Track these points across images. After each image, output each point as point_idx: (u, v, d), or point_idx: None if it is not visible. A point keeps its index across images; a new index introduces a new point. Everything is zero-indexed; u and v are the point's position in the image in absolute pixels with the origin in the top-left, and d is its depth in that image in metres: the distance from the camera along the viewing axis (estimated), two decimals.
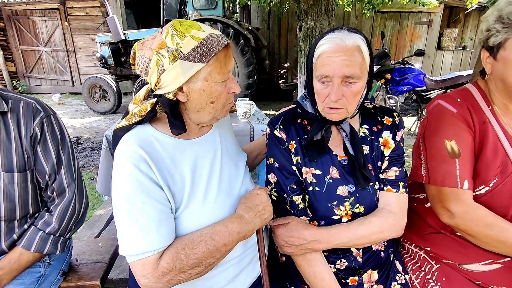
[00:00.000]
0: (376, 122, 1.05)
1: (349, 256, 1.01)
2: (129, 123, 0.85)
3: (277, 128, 1.03)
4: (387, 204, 1.00)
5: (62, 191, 1.07)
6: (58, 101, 8.18)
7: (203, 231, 0.81)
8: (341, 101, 0.90)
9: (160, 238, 0.76)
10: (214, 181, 0.91)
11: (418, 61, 8.07)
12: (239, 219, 0.85)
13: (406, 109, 5.06)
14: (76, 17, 8.99)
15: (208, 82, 0.81)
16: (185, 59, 0.77)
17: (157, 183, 0.79)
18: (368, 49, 0.91)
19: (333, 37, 0.89)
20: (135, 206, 0.76)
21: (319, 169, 1.00)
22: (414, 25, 8.06)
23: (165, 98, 0.83)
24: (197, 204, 0.85)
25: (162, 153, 0.84)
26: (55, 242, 1.05)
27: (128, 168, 0.77)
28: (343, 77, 0.87)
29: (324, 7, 3.54)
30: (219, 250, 0.80)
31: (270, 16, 8.29)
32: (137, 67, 0.84)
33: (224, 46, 0.81)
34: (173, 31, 0.78)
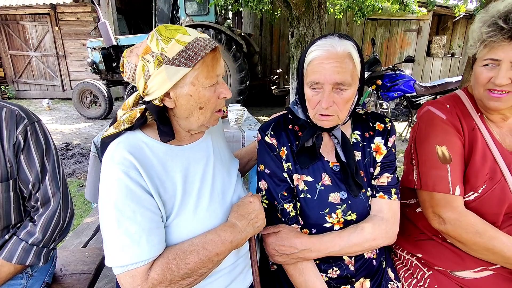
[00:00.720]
0: (368, 128, 1.05)
1: (341, 265, 1.00)
2: (118, 130, 0.83)
3: (268, 134, 1.02)
4: (380, 211, 0.99)
5: (46, 200, 1.03)
6: (48, 107, 8.06)
7: (195, 240, 0.79)
8: (332, 108, 0.89)
9: (150, 248, 0.73)
10: (206, 188, 0.88)
11: (408, 67, 8.18)
12: (232, 227, 0.83)
13: (397, 114, 5.12)
14: (67, 22, 8.93)
15: (195, 87, 0.79)
16: (170, 63, 0.75)
17: (147, 190, 0.77)
18: (359, 55, 0.90)
19: (324, 43, 0.88)
20: (125, 214, 0.72)
21: (310, 176, 0.99)
22: (404, 32, 8.20)
23: (152, 104, 0.81)
24: (189, 212, 0.83)
25: (153, 160, 0.82)
26: (38, 253, 1.01)
27: (117, 175, 0.74)
28: (334, 84, 0.87)
29: (316, 14, 3.58)
30: (211, 260, 0.77)
31: (262, 22, 8.34)
32: (125, 74, 0.82)
33: (211, 49, 0.79)
34: (158, 36, 0.76)
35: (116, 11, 8.82)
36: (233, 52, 6.19)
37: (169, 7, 7.53)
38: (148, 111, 0.84)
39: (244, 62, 6.37)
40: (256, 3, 5.70)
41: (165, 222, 0.80)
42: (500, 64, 0.88)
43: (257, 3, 5.71)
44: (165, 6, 7.44)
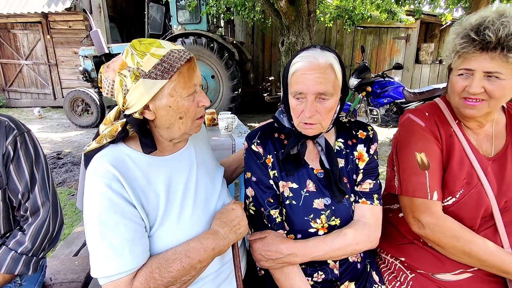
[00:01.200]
0: (351, 136, 1.08)
1: (326, 269, 1.02)
2: (100, 145, 0.84)
3: (254, 142, 1.05)
4: (362, 216, 1.02)
5: (36, 210, 1.04)
6: (39, 115, 7.99)
7: (178, 248, 0.81)
8: (315, 117, 0.93)
9: (133, 258, 0.75)
10: (189, 197, 0.90)
11: (398, 74, 8.34)
12: (214, 235, 0.85)
13: (387, 120, 5.19)
14: (58, 30, 8.91)
15: (173, 97, 0.81)
16: (146, 77, 0.77)
17: (130, 202, 0.78)
18: (340, 66, 0.94)
19: (307, 55, 0.92)
20: (108, 226, 0.74)
21: (295, 183, 1.02)
22: (393, 40, 8.37)
23: (132, 118, 0.83)
24: (172, 222, 0.84)
25: (136, 171, 0.84)
26: (27, 263, 1.02)
27: (100, 188, 0.76)
28: (316, 94, 0.90)
29: (305, 23, 3.65)
30: (194, 267, 0.79)
31: (254, 30, 8.45)
32: (103, 89, 0.84)
33: (186, 60, 0.81)
34: (133, 50, 0.78)
35: (109, 20, 8.84)
36: (225, 60, 6.25)
37: (161, 16, 7.60)
38: (129, 124, 0.86)
39: (236, 70, 6.43)
40: (248, 12, 5.79)
41: (149, 232, 0.82)
42: (474, 74, 0.92)
43: (249, 11, 5.80)
44: (157, 14, 7.50)
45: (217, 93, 6.68)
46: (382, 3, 5.32)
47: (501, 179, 1.00)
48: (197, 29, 6.45)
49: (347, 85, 1.00)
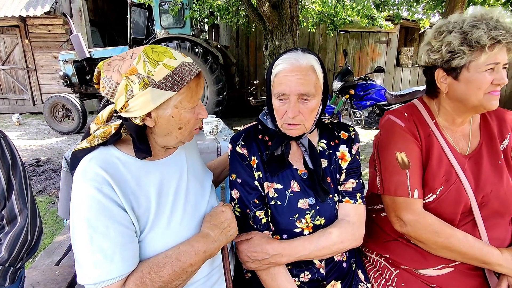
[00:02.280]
0: (333, 137, 1.10)
1: (312, 269, 1.03)
2: (91, 145, 0.82)
3: (238, 144, 1.06)
4: (346, 215, 1.04)
5: (13, 218, 1.01)
6: (17, 122, 7.73)
7: (168, 252, 0.79)
8: (298, 118, 0.95)
9: (124, 263, 0.73)
10: (180, 202, 0.89)
11: (379, 77, 8.55)
12: (205, 238, 0.84)
13: (370, 122, 5.30)
14: (37, 34, 8.68)
15: (178, 109, 0.81)
16: (156, 86, 0.76)
17: (120, 206, 0.77)
18: (321, 68, 0.97)
19: (289, 57, 0.94)
20: (97, 230, 0.72)
21: (280, 184, 1.03)
22: (375, 44, 8.58)
23: (131, 123, 0.82)
24: (162, 226, 0.83)
25: (127, 175, 0.82)
26: (3, 273, 0.98)
27: (89, 192, 0.74)
28: (299, 95, 0.92)
29: (289, 27, 3.70)
30: (185, 271, 0.78)
31: (238, 34, 8.48)
32: (102, 89, 0.81)
33: (195, 75, 0.82)
34: (145, 58, 0.77)
35: (90, 24, 8.68)
36: (210, 64, 6.24)
37: (144, 20, 7.52)
38: (124, 128, 0.85)
39: (221, 74, 6.43)
40: (231, 16, 5.81)
41: (139, 236, 0.81)
42: (498, 67, 0.94)
43: (232, 16, 5.82)
44: (140, 18, 7.42)
45: (202, 97, 6.64)
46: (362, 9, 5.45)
47: (477, 176, 1.03)
48: (180, 33, 6.42)
49: (328, 86, 1.02)
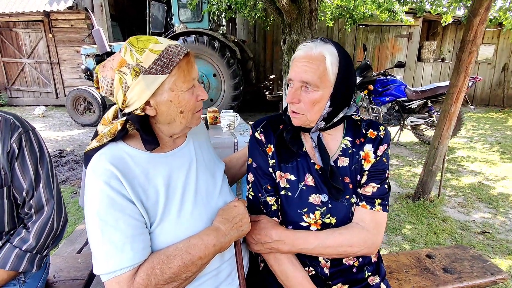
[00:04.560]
0: (359, 135, 1.04)
1: (316, 266, 1.02)
2: (100, 143, 0.85)
3: (258, 130, 1.07)
4: (361, 220, 0.99)
5: (40, 207, 1.05)
6: (41, 114, 8.02)
7: (179, 245, 0.81)
8: (299, 106, 0.93)
9: (135, 254, 0.75)
10: (189, 193, 0.91)
11: (400, 72, 8.32)
12: (215, 231, 0.85)
13: (389, 119, 5.19)
14: (60, 29, 8.92)
15: (174, 92, 0.82)
16: (147, 73, 0.77)
17: (129, 198, 0.79)
18: (337, 62, 0.91)
19: (307, 45, 0.93)
20: (108, 223, 0.75)
21: (294, 175, 1.01)
22: (395, 38, 8.34)
23: (133, 115, 0.83)
24: (172, 218, 0.85)
25: (135, 169, 0.84)
26: (31, 260, 1.03)
27: (99, 186, 0.77)
28: (301, 82, 0.91)
29: (307, 21, 3.64)
30: (195, 264, 0.79)
31: (256, 29, 8.43)
32: (101, 89, 0.83)
33: (184, 54, 0.82)
34: (131, 47, 0.78)
35: (110, 18, 8.84)
36: (227, 58, 6.25)
37: (163, 14, 7.60)
38: (129, 123, 0.86)
39: (238, 68, 6.43)
40: (249, 10, 5.78)
41: (150, 228, 0.83)
42: None
43: (250, 10, 5.79)
44: (159, 13, 7.50)
45: (219, 92, 6.69)
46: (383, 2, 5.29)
47: None
48: (198, 28, 6.45)
49: (348, 85, 0.95)
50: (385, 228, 2.76)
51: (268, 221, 1.00)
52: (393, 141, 5.59)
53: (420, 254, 1.46)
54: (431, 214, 3.04)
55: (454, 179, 3.94)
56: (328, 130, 1.03)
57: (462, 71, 2.77)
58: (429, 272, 1.34)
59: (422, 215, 3.01)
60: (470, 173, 4.15)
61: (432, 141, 3.15)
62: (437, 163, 3.10)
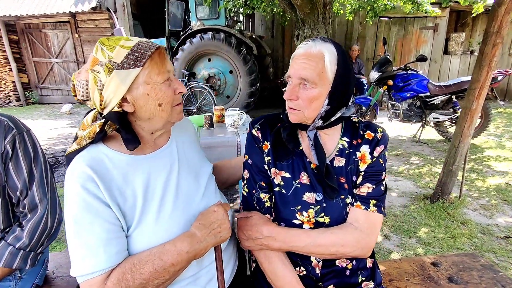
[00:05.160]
0: (356, 135, 1.04)
1: (307, 266, 1.00)
2: (80, 146, 0.85)
3: (255, 127, 1.07)
4: (355, 220, 0.98)
5: (34, 206, 1.08)
6: (68, 111, 8.39)
7: (153, 250, 0.80)
8: (297, 103, 0.93)
9: (108, 258, 0.75)
10: (169, 197, 0.89)
11: (424, 66, 7.95)
12: (190, 237, 0.83)
13: (410, 115, 4.97)
14: (86, 29, 9.27)
15: (150, 85, 0.82)
16: (120, 68, 0.78)
17: (105, 202, 0.79)
18: (335, 61, 0.91)
19: (307, 43, 0.94)
20: (82, 226, 0.76)
21: (289, 173, 1.01)
22: (420, 30, 7.96)
23: (112, 113, 0.82)
24: (150, 222, 0.84)
25: (113, 171, 0.84)
26: (24, 257, 1.06)
27: (75, 189, 0.78)
28: (300, 79, 0.91)
29: (321, 16, 3.54)
30: (167, 271, 0.78)
31: (274, 24, 8.34)
32: (78, 94, 0.84)
33: (155, 48, 0.82)
34: (102, 46, 0.79)
35: (132, 17, 9.07)
36: (243, 54, 6.23)
37: (181, 12, 7.69)
38: (108, 124, 0.86)
39: (254, 65, 6.40)
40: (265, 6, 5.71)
41: (127, 232, 0.82)
42: None
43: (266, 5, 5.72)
44: (178, 11, 7.60)
45: (236, 88, 6.69)
46: None
47: None
48: (215, 25, 6.47)
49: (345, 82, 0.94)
50: (399, 230, 2.67)
51: (260, 217, 1.01)
52: (414, 139, 5.38)
53: (425, 262, 1.38)
54: (450, 217, 2.89)
55: (479, 180, 3.72)
56: (325, 130, 1.01)
57: (485, 65, 2.59)
58: (433, 281, 1.26)
59: (440, 218, 2.87)
60: (497, 174, 3.90)
61: (452, 139, 2.98)
62: (458, 162, 2.94)
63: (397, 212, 3.01)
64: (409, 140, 5.44)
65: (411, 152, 4.78)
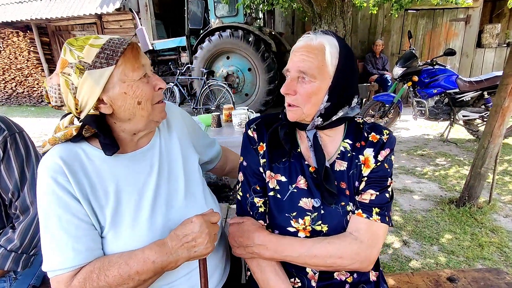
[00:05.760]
0: (360, 137, 0.95)
1: (302, 277, 0.93)
2: (52, 147, 0.82)
3: (251, 128, 1.02)
4: (356, 230, 0.89)
5: (25, 208, 1.08)
6: None
7: (124, 253, 0.77)
8: (294, 98, 0.87)
9: (76, 256, 0.73)
10: (147, 200, 0.85)
11: (454, 61, 7.50)
12: (160, 247, 0.77)
13: (437, 113, 4.69)
14: (111, 30, 9.55)
15: (126, 83, 0.77)
16: (92, 68, 0.74)
17: (75, 197, 0.76)
18: (337, 54, 0.85)
19: (309, 35, 0.89)
20: (51, 220, 0.74)
21: (285, 176, 0.95)
22: (450, 22, 7.48)
23: (88, 116, 0.78)
24: (126, 225, 0.80)
25: (88, 167, 0.81)
26: (16, 260, 1.06)
27: (46, 181, 0.76)
28: (298, 72, 0.85)
29: (339, 9, 3.40)
30: (131, 278, 0.73)
31: (294, 20, 8.18)
32: (51, 100, 0.80)
33: (128, 44, 0.77)
34: (71, 47, 0.75)
35: (155, 17, 9.23)
36: (262, 52, 6.15)
37: (201, 10, 7.71)
38: (85, 128, 0.81)
39: (273, 62, 6.30)
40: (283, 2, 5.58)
41: (102, 233, 0.80)
42: None
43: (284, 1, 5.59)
44: (197, 9, 7.62)
45: (254, 86, 6.63)
46: None
47: None
48: (234, 22, 6.42)
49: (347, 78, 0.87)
50: (420, 236, 2.50)
51: (252, 223, 0.95)
52: (441, 138, 5.08)
53: (440, 276, 1.25)
54: (477, 223, 2.68)
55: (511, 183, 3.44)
56: (326, 130, 0.94)
57: None
58: None
59: (466, 224, 2.66)
60: None
61: (481, 140, 2.75)
62: (487, 164, 2.71)
63: (419, 216, 2.83)
64: (436, 139, 5.14)
65: (438, 152, 4.51)
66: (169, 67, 7.74)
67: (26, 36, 9.55)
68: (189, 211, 0.90)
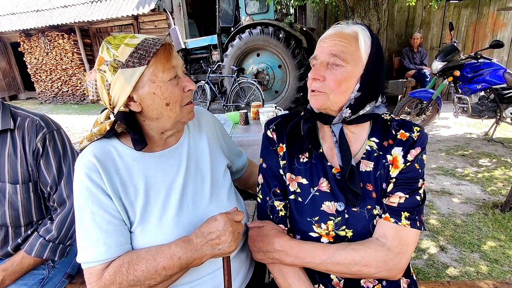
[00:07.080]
0: (388, 135, 0.89)
1: (327, 285, 0.89)
2: (90, 142, 0.87)
3: (270, 128, 0.99)
4: (383, 235, 0.84)
5: (62, 201, 1.14)
6: None
7: (152, 248, 0.79)
8: (322, 84, 0.83)
9: (106, 249, 0.76)
10: (174, 198, 0.87)
11: (502, 53, 6.92)
12: (185, 243, 0.79)
13: (481, 110, 4.36)
14: (147, 30, 9.91)
15: (156, 83, 0.79)
16: (125, 67, 0.76)
17: (107, 193, 0.80)
18: (370, 43, 0.82)
19: (340, 25, 0.86)
20: (85, 215, 0.78)
21: (306, 179, 0.91)
22: (497, 12, 6.89)
23: (119, 113, 0.82)
24: (153, 221, 0.83)
25: (119, 164, 0.85)
26: (53, 249, 1.13)
27: (81, 177, 0.80)
28: (329, 56, 0.81)
29: (373, 2, 3.26)
30: (158, 273, 0.76)
31: (326, 15, 7.97)
32: (89, 93, 0.85)
33: (161, 45, 0.79)
34: (108, 45, 0.78)
35: (188, 16, 9.44)
36: (292, 48, 6.06)
37: (232, 8, 7.76)
38: (118, 123, 0.85)
39: (303, 58, 6.19)
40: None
41: (131, 228, 0.83)
42: None
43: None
44: (228, 7, 7.68)
45: (284, 83, 6.56)
46: None
47: None
48: (264, 19, 6.38)
49: (378, 69, 0.84)
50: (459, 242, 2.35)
51: (272, 228, 0.92)
52: (486, 137, 4.72)
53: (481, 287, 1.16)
54: None
55: None
56: (351, 126, 0.89)
57: None
58: None
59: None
60: None
61: None
62: None
63: (458, 221, 2.65)
64: (480, 139, 4.79)
65: (481, 152, 4.19)
66: (200, 65, 7.88)
67: (70, 38, 10.18)
68: (213, 209, 0.91)
